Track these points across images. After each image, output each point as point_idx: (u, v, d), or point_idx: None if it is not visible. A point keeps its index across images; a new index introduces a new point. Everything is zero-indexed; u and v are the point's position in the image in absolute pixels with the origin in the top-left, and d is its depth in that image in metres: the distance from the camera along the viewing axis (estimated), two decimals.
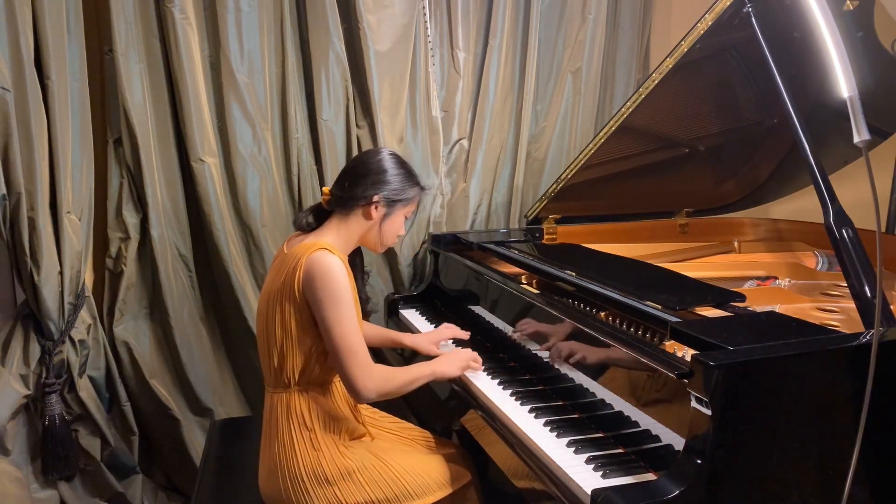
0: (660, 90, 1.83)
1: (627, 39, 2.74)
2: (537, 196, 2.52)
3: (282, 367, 1.47)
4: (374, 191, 1.51)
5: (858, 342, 1.12)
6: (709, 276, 1.76)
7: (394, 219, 1.56)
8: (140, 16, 2.02)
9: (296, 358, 1.45)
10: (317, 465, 1.43)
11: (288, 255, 1.46)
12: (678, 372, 1.11)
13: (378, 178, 1.51)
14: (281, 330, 1.45)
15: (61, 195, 1.85)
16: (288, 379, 1.47)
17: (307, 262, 1.40)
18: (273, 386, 1.51)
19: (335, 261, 1.40)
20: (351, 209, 1.52)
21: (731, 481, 1.05)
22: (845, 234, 1.29)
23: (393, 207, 1.54)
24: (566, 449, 1.27)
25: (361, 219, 1.53)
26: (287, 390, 1.48)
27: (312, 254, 1.40)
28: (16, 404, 1.87)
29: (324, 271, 1.38)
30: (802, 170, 1.47)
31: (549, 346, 1.57)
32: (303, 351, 1.45)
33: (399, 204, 1.55)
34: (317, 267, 1.39)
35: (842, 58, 1.03)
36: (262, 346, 1.51)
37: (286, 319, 1.44)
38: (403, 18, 2.31)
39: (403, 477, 1.48)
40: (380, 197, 1.51)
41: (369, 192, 1.50)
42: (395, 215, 1.56)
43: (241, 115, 2.17)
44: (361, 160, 1.59)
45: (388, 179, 1.52)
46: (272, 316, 1.46)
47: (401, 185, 1.54)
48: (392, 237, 1.59)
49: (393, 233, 1.58)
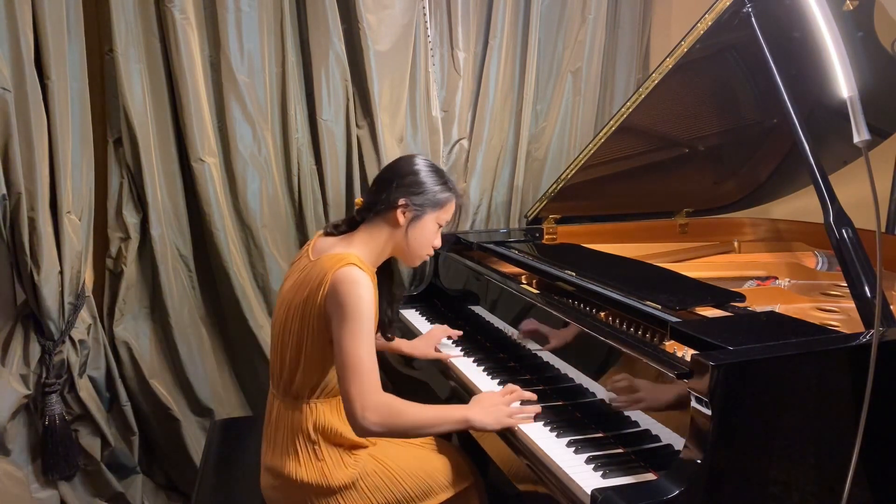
0: (660, 90, 1.83)
1: (627, 39, 2.74)
2: (537, 196, 2.52)
3: (291, 380, 1.44)
4: (400, 194, 1.43)
5: (858, 342, 1.12)
6: (709, 276, 1.76)
7: (423, 224, 1.47)
8: (140, 16, 2.02)
9: (307, 374, 1.42)
10: (320, 475, 1.41)
11: (314, 264, 1.40)
12: (678, 372, 1.11)
13: (405, 181, 1.44)
14: (297, 345, 1.41)
15: (61, 195, 1.85)
16: (297, 392, 1.44)
17: (333, 279, 1.33)
18: (281, 394, 1.48)
19: (363, 277, 1.34)
20: (377, 215, 1.46)
21: (731, 481, 1.05)
22: (845, 234, 1.29)
23: (421, 211, 1.46)
24: (566, 449, 1.27)
25: (388, 226, 1.46)
26: (294, 402, 1.45)
27: (340, 269, 1.33)
28: (16, 404, 1.87)
29: (348, 288, 1.31)
30: (802, 170, 1.47)
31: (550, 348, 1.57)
32: (316, 368, 1.42)
33: (428, 208, 1.46)
34: (342, 282, 1.32)
35: (842, 58, 1.03)
36: (275, 353, 1.48)
37: (304, 335, 1.39)
38: (403, 18, 2.31)
39: (405, 480, 1.47)
40: (406, 200, 1.44)
41: (395, 196, 1.43)
42: (423, 220, 1.47)
43: (241, 115, 2.17)
44: (391, 165, 1.53)
45: (416, 182, 1.45)
46: (290, 329, 1.42)
47: (429, 187, 1.46)
48: (424, 246, 1.50)
49: (424, 241, 1.49)
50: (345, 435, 1.45)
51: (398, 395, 1.38)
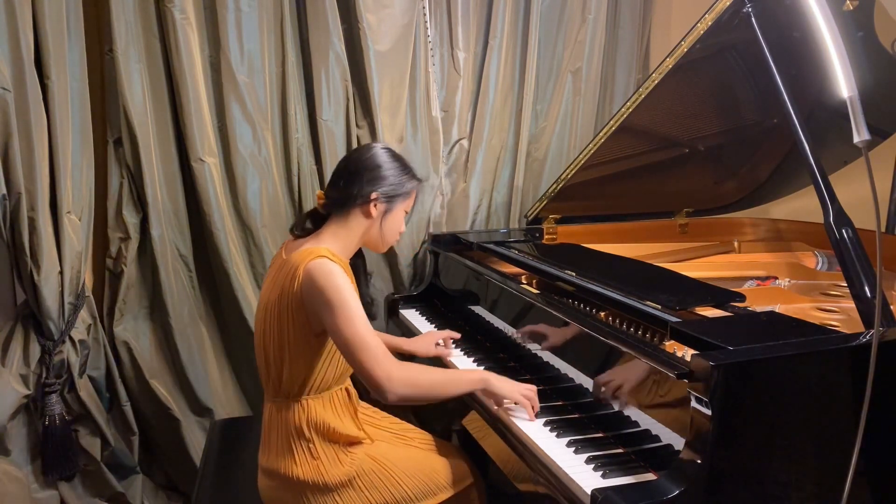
0: (660, 90, 1.83)
1: (627, 39, 2.74)
2: (537, 196, 2.52)
3: (279, 378, 1.45)
4: (372, 187, 1.46)
5: (858, 342, 1.12)
6: (709, 276, 1.76)
7: (394, 215, 1.52)
8: (140, 16, 2.02)
9: (294, 370, 1.43)
10: (316, 473, 1.41)
11: (286, 262, 1.42)
12: (678, 372, 1.11)
13: (373, 175, 1.47)
14: (278, 342, 1.42)
15: (61, 195, 1.85)
16: (286, 390, 1.45)
17: (306, 272, 1.35)
18: (272, 395, 1.49)
19: (335, 267, 1.36)
20: (349, 209, 1.47)
21: (731, 481, 1.05)
22: (845, 234, 1.29)
23: (392, 203, 1.50)
24: (566, 449, 1.27)
25: (361, 218, 1.48)
26: (286, 401, 1.46)
27: (311, 262, 1.35)
28: (16, 404, 1.87)
29: (325, 279, 1.34)
30: (802, 170, 1.47)
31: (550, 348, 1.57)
32: (301, 363, 1.43)
33: (398, 199, 1.51)
34: (317, 275, 1.34)
35: (842, 58, 1.03)
36: (260, 357, 1.49)
37: (284, 331, 1.40)
38: (403, 18, 2.31)
39: (404, 480, 1.47)
40: (378, 193, 1.46)
41: (366, 190, 1.46)
42: (395, 211, 1.52)
43: (241, 115, 2.17)
44: (353, 158, 1.53)
45: (385, 174, 1.48)
46: (270, 328, 1.43)
47: (398, 179, 1.49)
48: (394, 234, 1.55)
49: (394, 230, 1.54)
50: (339, 431, 1.45)
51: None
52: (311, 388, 1.45)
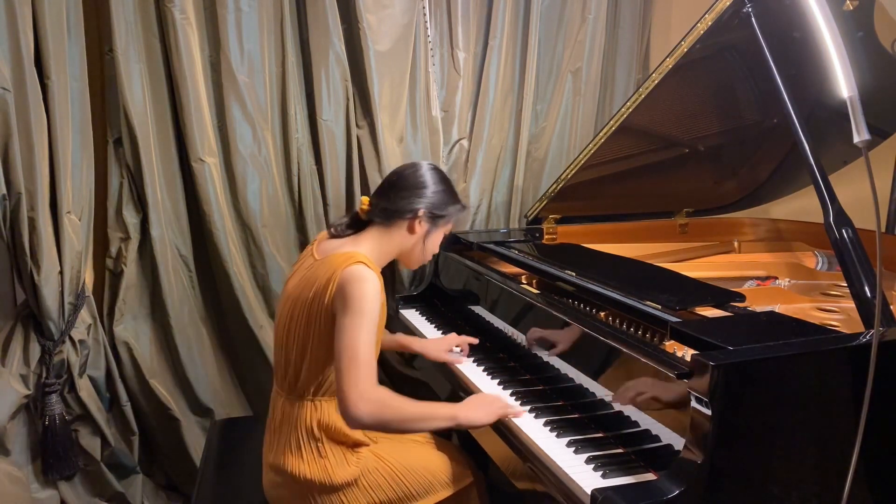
0: (660, 90, 1.83)
1: (627, 39, 2.74)
2: (537, 196, 2.52)
3: (296, 377, 1.45)
4: (420, 205, 1.47)
5: (858, 342, 1.12)
6: (709, 276, 1.76)
7: (436, 236, 1.54)
8: (140, 16, 2.02)
9: (312, 372, 1.43)
10: (323, 472, 1.42)
11: (321, 262, 1.41)
12: (678, 372, 1.11)
13: (423, 193, 1.48)
14: (302, 343, 1.42)
15: (61, 195, 1.85)
16: (301, 390, 1.45)
17: (342, 276, 1.34)
18: (285, 392, 1.48)
19: (372, 275, 1.35)
20: (394, 221, 1.48)
21: (731, 481, 1.05)
22: (845, 234, 1.29)
23: (435, 224, 1.52)
24: (566, 449, 1.27)
25: (405, 232, 1.49)
26: (299, 400, 1.46)
27: (349, 267, 1.35)
28: (16, 404, 1.87)
29: (356, 284, 1.33)
30: (802, 170, 1.47)
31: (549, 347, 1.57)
32: (320, 366, 1.42)
33: (441, 220, 1.52)
34: (350, 279, 1.33)
35: (842, 58, 1.03)
36: (279, 351, 1.49)
37: (310, 333, 1.40)
38: (403, 18, 2.31)
39: (406, 477, 1.47)
40: (424, 211, 1.48)
41: (415, 206, 1.47)
42: (437, 232, 1.54)
43: (241, 115, 2.17)
44: (408, 174, 1.52)
45: (432, 194, 1.49)
46: (296, 327, 1.42)
47: (443, 201, 1.51)
48: (432, 253, 1.57)
49: (432, 250, 1.56)
50: (348, 433, 1.46)
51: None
52: (327, 389, 1.45)
